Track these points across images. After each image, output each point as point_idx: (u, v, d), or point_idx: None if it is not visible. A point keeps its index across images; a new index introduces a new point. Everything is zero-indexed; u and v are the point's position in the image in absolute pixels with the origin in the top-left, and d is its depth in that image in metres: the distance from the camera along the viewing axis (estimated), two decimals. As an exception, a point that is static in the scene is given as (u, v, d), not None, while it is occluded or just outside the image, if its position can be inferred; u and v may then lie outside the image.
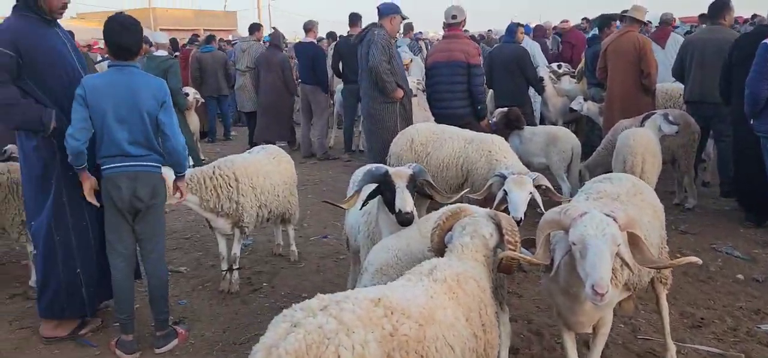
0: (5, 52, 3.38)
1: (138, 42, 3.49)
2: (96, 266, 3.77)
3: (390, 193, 3.04)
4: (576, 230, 2.24)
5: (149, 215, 3.56)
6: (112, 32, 3.39)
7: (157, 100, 3.45)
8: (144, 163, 3.48)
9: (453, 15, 6.22)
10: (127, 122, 3.39)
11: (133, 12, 33.42)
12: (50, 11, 3.55)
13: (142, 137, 3.44)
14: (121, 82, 3.38)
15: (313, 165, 9.10)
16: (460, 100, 5.96)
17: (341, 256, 5.24)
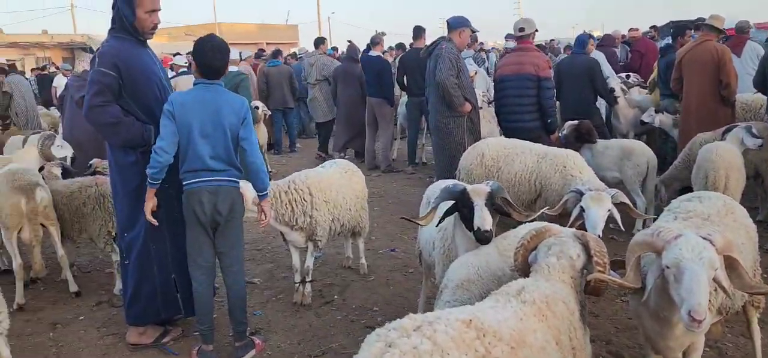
0: (108, 73, 3.59)
1: (226, 63, 3.63)
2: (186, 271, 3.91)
3: (468, 210, 3.03)
4: (670, 254, 2.17)
5: (228, 228, 3.67)
6: (204, 53, 3.54)
7: (239, 117, 3.57)
8: (224, 178, 3.59)
9: (520, 27, 6.17)
10: (211, 137, 3.51)
11: (199, 27, 34.86)
12: (143, 32, 3.74)
13: (223, 153, 3.55)
14: (207, 99, 3.52)
15: (378, 177, 9.16)
16: (530, 114, 5.88)
17: (410, 270, 5.25)
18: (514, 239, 3.01)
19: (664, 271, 2.20)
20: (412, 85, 9.16)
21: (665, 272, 2.19)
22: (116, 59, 3.62)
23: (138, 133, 3.67)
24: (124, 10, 3.68)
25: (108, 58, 3.63)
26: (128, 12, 3.67)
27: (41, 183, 4.60)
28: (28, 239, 4.54)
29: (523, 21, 6.22)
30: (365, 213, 5.08)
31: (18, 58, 25.54)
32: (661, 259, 2.21)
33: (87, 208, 4.70)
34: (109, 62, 3.61)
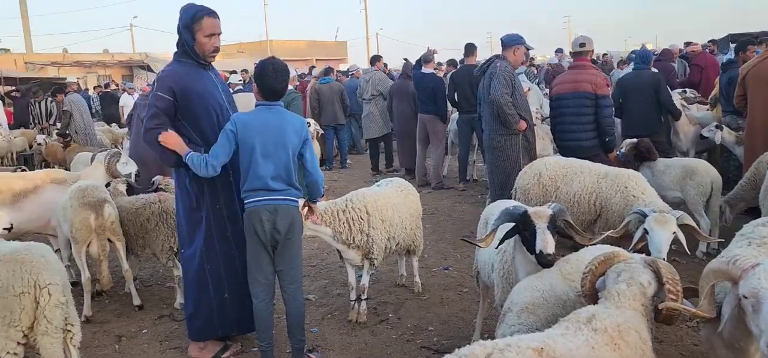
0: (164, 97, 3.73)
1: (286, 85, 3.72)
2: (243, 289, 3.97)
3: (530, 233, 3.00)
4: (748, 283, 2.10)
5: (287, 247, 3.73)
6: (265, 75, 3.63)
7: (300, 137, 3.66)
8: (283, 197, 3.66)
9: (581, 43, 6.07)
10: (272, 157, 3.59)
11: (251, 44, 35.65)
12: (204, 56, 3.86)
13: (284, 172, 3.62)
14: (270, 120, 3.61)
15: (428, 194, 9.15)
16: (587, 132, 5.78)
17: (464, 289, 5.22)
18: (577, 262, 2.97)
19: (741, 301, 2.12)
20: (463, 102, 9.15)
21: (742, 302, 2.12)
22: (173, 83, 3.75)
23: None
24: (184, 35, 3.82)
25: (165, 83, 3.78)
26: (188, 37, 3.80)
27: (109, 200, 4.79)
28: (95, 253, 4.72)
29: (583, 37, 6.12)
30: (420, 231, 5.09)
31: (81, 76, 26.67)
32: (738, 288, 2.14)
33: (151, 224, 4.86)
34: (165, 86, 3.76)
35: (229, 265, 3.96)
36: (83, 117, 9.90)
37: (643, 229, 3.69)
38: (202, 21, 3.78)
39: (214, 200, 3.87)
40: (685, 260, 5.11)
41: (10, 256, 3.18)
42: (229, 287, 4.01)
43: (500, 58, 6.12)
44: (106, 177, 5.42)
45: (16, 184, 5.24)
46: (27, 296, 3.11)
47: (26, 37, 29.60)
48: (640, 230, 3.73)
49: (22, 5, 29.39)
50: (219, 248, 3.94)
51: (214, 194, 3.86)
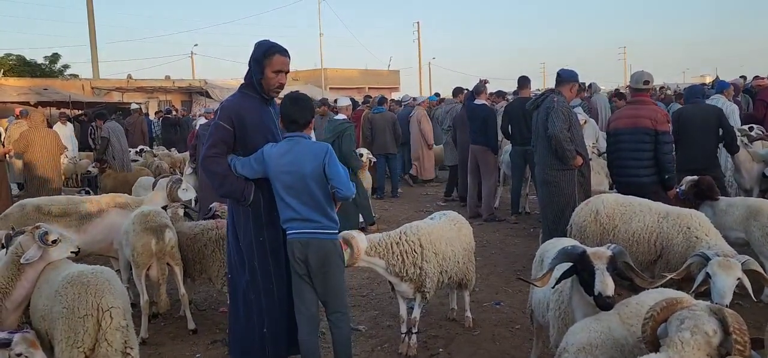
0: (224, 126, 3.83)
1: (305, 115, 3.74)
2: (283, 323, 4.01)
3: (588, 274, 2.93)
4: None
5: (326, 278, 3.74)
6: (283, 106, 3.75)
7: (319, 159, 3.64)
8: (315, 230, 3.68)
9: (646, 80, 5.90)
10: (294, 189, 3.64)
11: (306, 72, 36.28)
12: (268, 91, 3.97)
13: (310, 202, 3.64)
14: (288, 152, 3.68)
15: (480, 226, 9.05)
16: (646, 169, 5.62)
17: (516, 326, 5.12)
18: (636, 306, 2.88)
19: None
20: (517, 134, 9.08)
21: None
22: (233, 114, 3.85)
23: (239, 188, 3.81)
24: (254, 67, 3.93)
25: (226, 113, 3.88)
26: (257, 70, 3.91)
27: (170, 225, 4.95)
28: (155, 277, 4.87)
29: (647, 74, 5.94)
30: (472, 265, 5.04)
31: (143, 101, 27.74)
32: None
33: (208, 250, 4.99)
34: (226, 116, 3.85)
35: (269, 300, 3.98)
36: (120, 143, 10.33)
37: (705, 273, 3.55)
38: (273, 57, 3.89)
39: (258, 232, 3.91)
40: (749, 304, 4.88)
41: (77, 279, 3.32)
42: (269, 322, 4.00)
43: (556, 93, 6.04)
44: (167, 202, 5.60)
45: (82, 207, 5.49)
46: (90, 318, 3.24)
47: (94, 64, 31.05)
48: (702, 274, 3.59)
49: (92, 34, 30.90)
50: (261, 282, 3.97)
51: (258, 227, 3.91)
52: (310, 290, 3.78)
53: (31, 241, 3.68)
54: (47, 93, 22.45)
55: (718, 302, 3.31)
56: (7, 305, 3.66)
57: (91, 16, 30.73)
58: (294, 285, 3.81)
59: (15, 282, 3.66)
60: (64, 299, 3.30)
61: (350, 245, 4.14)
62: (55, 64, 39.38)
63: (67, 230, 5.27)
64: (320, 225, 3.68)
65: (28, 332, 3.18)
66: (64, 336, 3.26)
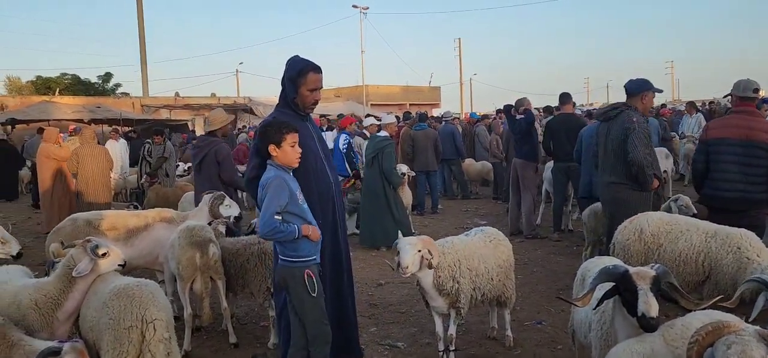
0: None
1: (266, 145, 3.75)
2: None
3: (631, 295, 2.86)
4: None
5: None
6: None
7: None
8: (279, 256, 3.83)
9: (755, 88, 5.45)
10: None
11: (347, 89, 36.68)
12: (304, 108, 4.04)
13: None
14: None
15: (521, 243, 8.94)
16: (756, 186, 5.21)
17: (559, 346, 5.02)
18: (681, 328, 2.80)
19: None
20: (559, 151, 8.98)
21: None
22: None
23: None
24: (288, 86, 4.01)
25: None
26: (291, 88, 4.00)
27: (214, 240, 5.05)
28: (199, 291, 4.97)
29: (755, 82, 5.45)
30: (511, 283, 4.97)
31: (189, 118, 28.50)
32: None
33: (250, 264, 5.06)
34: None
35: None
36: (172, 163, 10.77)
37: (764, 297, 3.40)
38: (307, 75, 3.97)
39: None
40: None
41: (123, 291, 3.43)
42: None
43: (630, 108, 5.69)
44: (209, 216, 5.71)
45: (130, 221, 5.66)
46: (135, 329, 3.33)
47: (144, 82, 32.13)
48: (761, 299, 3.45)
49: (142, 53, 31.99)
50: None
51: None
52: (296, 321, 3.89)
53: (83, 254, 3.81)
54: (99, 110, 23.32)
55: None
56: (58, 315, 3.79)
57: (142, 36, 31.81)
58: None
59: (67, 294, 3.79)
60: (111, 310, 3.41)
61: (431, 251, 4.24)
62: (107, 83, 40.80)
63: (115, 244, 5.47)
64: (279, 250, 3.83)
65: (77, 341, 3.29)
66: (110, 346, 3.36)
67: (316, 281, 3.78)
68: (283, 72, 4.09)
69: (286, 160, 3.76)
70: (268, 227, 3.63)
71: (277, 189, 3.66)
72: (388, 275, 7.23)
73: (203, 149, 6.62)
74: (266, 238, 3.91)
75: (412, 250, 4.17)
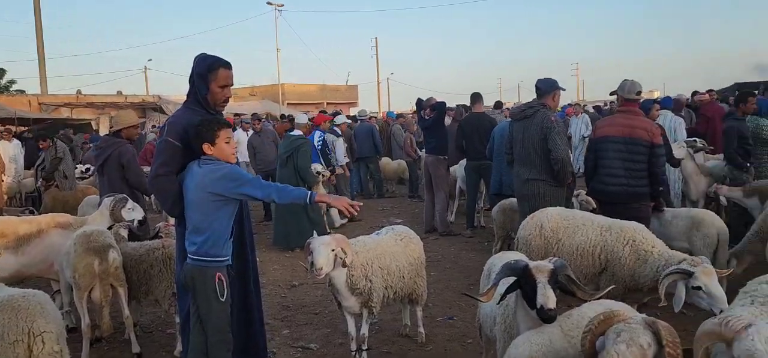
0: (174, 143, 3.75)
1: (200, 144, 3.64)
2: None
3: (530, 288, 2.96)
4: (742, 345, 2.05)
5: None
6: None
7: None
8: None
9: (638, 91, 5.76)
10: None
11: (263, 88, 35.88)
12: (214, 105, 3.91)
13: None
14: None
15: (435, 241, 9.10)
16: (638, 179, 5.48)
17: (469, 340, 5.14)
18: (577, 318, 2.93)
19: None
20: (471, 149, 9.18)
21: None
22: (181, 130, 3.77)
23: (179, 209, 3.76)
24: (198, 83, 3.87)
25: (175, 128, 3.80)
26: (201, 85, 3.85)
27: (114, 245, 4.79)
28: (98, 299, 4.70)
29: (638, 84, 5.76)
30: (422, 280, 5.03)
31: (93, 117, 27.04)
32: (732, 350, 2.09)
33: (154, 270, 4.86)
34: (175, 132, 3.77)
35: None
36: (69, 164, 10.19)
37: (694, 286, 3.67)
38: (217, 72, 3.84)
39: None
40: (692, 313, 5.01)
41: (7, 303, 3.19)
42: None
43: (544, 106, 5.92)
44: (110, 220, 5.43)
45: (20, 228, 5.27)
46: (20, 344, 3.10)
47: (42, 79, 30.13)
48: (680, 287, 3.72)
49: (40, 49, 30.01)
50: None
51: None
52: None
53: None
54: (-9, 109, 21.65)
55: (717, 308, 3.45)
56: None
57: (39, 30, 29.84)
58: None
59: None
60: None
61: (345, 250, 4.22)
62: (0, 80, 38.09)
63: (3, 252, 5.09)
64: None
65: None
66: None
67: (227, 285, 3.66)
68: (192, 69, 3.95)
69: (223, 157, 3.65)
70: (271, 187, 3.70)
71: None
72: (301, 277, 7.15)
73: (105, 151, 6.30)
74: (280, 198, 3.71)
75: (325, 249, 4.14)
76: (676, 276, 3.77)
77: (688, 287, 3.72)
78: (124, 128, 6.47)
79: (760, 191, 6.88)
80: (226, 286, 3.66)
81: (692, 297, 3.73)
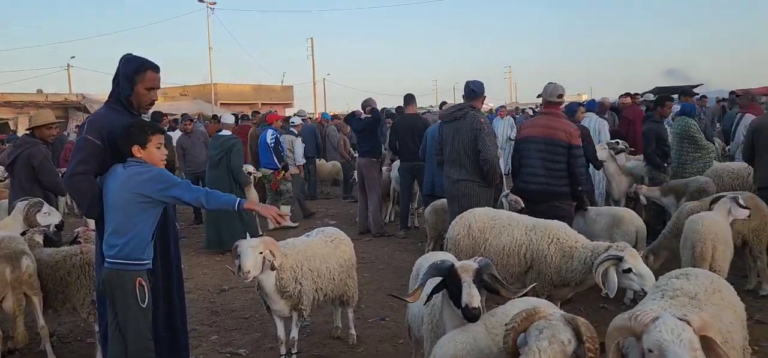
0: (94, 142, 3.60)
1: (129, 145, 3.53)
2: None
3: (456, 287, 3.00)
4: (651, 337, 2.15)
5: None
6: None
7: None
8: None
9: (560, 94, 5.94)
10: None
11: (195, 88, 34.94)
12: (138, 107, 3.78)
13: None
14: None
15: (368, 242, 9.12)
16: (558, 179, 5.65)
17: (400, 340, 5.16)
18: (501, 316, 2.98)
19: (646, 355, 2.17)
20: (404, 151, 9.25)
21: (647, 356, 2.17)
22: (103, 129, 3.62)
23: (98, 211, 3.61)
24: (123, 83, 3.73)
25: (95, 127, 3.65)
26: (126, 86, 3.71)
27: (27, 251, 4.54)
28: (10, 309, 4.44)
29: (561, 87, 5.96)
30: (353, 282, 5.03)
31: (11, 117, 25.62)
32: (642, 343, 2.18)
33: (71, 277, 4.63)
34: (95, 130, 3.63)
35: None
36: None
37: (620, 269, 3.86)
38: (145, 74, 3.73)
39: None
40: (613, 307, 5.24)
41: None
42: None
43: (474, 109, 6.05)
44: (24, 227, 5.14)
45: None
46: None
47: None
48: (612, 272, 3.89)
49: (-48, 43, 28.17)
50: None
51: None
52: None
53: None
54: None
55: (647, 287, 3.60)
56: None
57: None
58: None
59: None
60: None
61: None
62: None
63: None
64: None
65: None
66: None
67: (148, 291, 3.53)
68: (117, 68, 3.81)
69: (152, 161, 3.53)
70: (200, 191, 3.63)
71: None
72: (232, 280, 7.01)
73: (15, 151, 5.98)
74: (208, 203, 3.59)
75: (253, 252, 4.08)
76: (607, 263, 3.94)
77: (619, 271, 3.90)
78: (36, 128, 6.17)
79: (675, 191, 7.27)
80: (148, 291, 3.53)
81: (623, 281, 3.91)
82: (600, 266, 3.95)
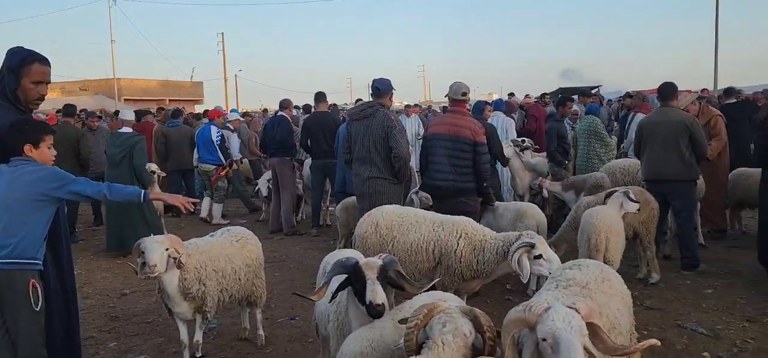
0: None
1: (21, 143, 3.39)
2: None
3: (360, 285, 3.00)
4: (544, 326, 2.23)
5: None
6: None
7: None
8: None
9: (464, 92, 6.08)
10: None
11: (97, 82, 33.16)
12: (26, 103, 3.54)
13: None
14: None
15: (280, 241, 8.99)
16: (463, 175, 5.80)
17: (309, 339, 5.11)
18: (408, 310, 3.00)
19: (540, 344, 2.26)
20: (316, 148, 9.19)
21: (541, 346, 2.25)
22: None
23: None
24: (8, 77, 3.48)
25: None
26: (11, 79, 3.48)
27: None
28: None
29: (465, 86, 6.13)
30: (261, 282, 4.94)
31: None
32: (536, 332, 2.27)
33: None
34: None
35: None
36: None
37: (532, 256, 4.06)
38: (31, 66, 3.49)
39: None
40: (517, 299, 5.43)
41: None
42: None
43: (383, 107, 6.07)
44: None
45: None
46: None
47: None
48: (524, 259, 4.09)
49: None
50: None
51: None
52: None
53: None
54: None
55: (555, 268, 3.68)
56: None
57: None
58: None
59: None
60: None
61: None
62: None
63: None
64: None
65: None
66: None
67: (42, 293, 3.31)
68: (3, 61, 3.55)
69: (43, 161, 3.41)
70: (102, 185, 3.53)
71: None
72: (134, 284, 6.71)
73: None
74: (111, 195, 3.51)
75: (159, 247, 4.00)
76: (521, 250, 4.11)
77: (531, 258, 4.08)
78: None
79: (575, 186, 7.66)
80: (41, 293, 3.31)
81: (534, 267, 4.09)
82: (516, 253, 4.13)
